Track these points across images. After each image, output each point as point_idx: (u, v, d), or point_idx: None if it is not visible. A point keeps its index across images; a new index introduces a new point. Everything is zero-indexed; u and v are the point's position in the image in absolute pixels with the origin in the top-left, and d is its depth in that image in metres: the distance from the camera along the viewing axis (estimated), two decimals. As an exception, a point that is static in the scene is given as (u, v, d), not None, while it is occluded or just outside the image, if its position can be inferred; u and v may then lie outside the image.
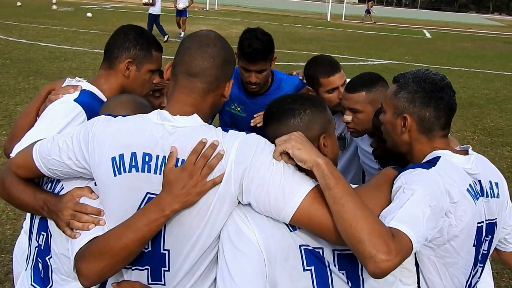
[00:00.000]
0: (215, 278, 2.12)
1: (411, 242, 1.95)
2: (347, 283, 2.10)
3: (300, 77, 4.10)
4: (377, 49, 25.80)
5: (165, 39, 21.64)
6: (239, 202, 2.07)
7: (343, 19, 48.36)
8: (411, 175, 2.19)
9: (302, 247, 2.06)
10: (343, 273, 2.10)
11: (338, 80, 3.59)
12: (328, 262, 2.08)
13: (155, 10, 22.28)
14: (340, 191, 1.94)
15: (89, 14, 30.49)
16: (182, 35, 23.15)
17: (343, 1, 57.54)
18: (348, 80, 3.68)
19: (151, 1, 21.77)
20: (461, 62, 22.88)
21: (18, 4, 33.79)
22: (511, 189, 8.37)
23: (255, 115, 3.91)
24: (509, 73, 20.56)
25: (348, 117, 3.32)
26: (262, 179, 1.99)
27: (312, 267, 2.07)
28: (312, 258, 2.07)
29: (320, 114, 2.27)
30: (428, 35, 38.56)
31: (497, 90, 16.62)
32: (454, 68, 20.79)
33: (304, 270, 2.06)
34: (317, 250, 2.08)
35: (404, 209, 2.03)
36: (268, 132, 2.26)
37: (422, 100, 2.37)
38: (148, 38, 2.94)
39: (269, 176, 1.99)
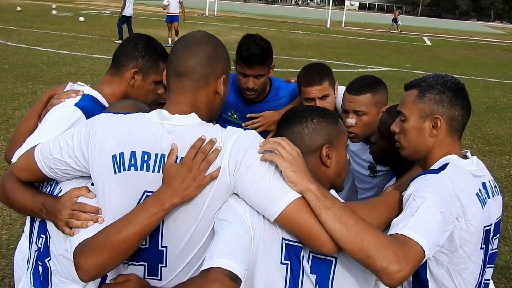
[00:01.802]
0: None
1: (423, 250, 1.99)
2: (315, 286, 2.13)
3: None
4: (376, 56, 25.88)
5: (117, 40, 22.40)
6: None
7: (343, 25, 48.48)
8: (421, 181, 2.22)
9: (284, 241, 2.11)
10: (313, 276, 2.13)
11: (315, 93, 3.55)
12: (303, 261, 2.13)
13: (126, 11, 23.14)
14: (338, 209, 1.99)
15: (81, 18, 30.51)
16: (169, 42, 22.99)
17: (343, 8, 57.73)
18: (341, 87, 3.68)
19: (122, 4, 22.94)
20: (461, 69, 22.88)
21: (18, 9, 33.89)
22: (509, 198, 8.34)
23: (248, 115, 3.93)
24: (509, 81, 20.57)
25: (352, 121, 3.28)
26: (251, 177, 2.05)
27: (289, 262, 2.12)
28: (291, 254, 2.12)
29: (328, 125, 2.32)
30: (428, 42, 38.65)
31: (497, 98, 16.63)
32: (454, 75, 20.76)
33: (281, 263, 2.12)
34: (299, 246, 2.12)
35: (415, 217, 2.05)
36: (276, 135, 2.32)
37: (450, 100, 2.40)
38: (157, 49, 2.95)
39: (259, 176, 2.05)
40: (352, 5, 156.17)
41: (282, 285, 2.12)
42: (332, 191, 2.28)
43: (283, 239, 2.11)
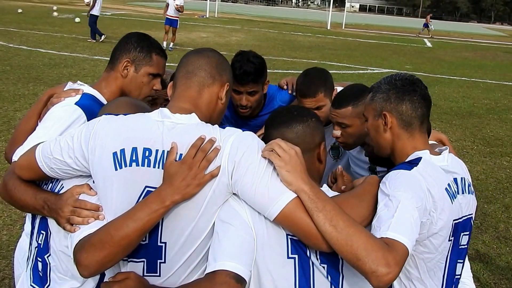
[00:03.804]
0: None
1: (407, 249, 2.06)
2: (327, 277, 2.19)
3: (290, 92, 4.04)
4: (377, 57, 25.90)
5: (101, 38, 23.02)
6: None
7: (343, 27, 48.52)
8: (395, 179, 2.29)
9: (289, 237, 2.16)
10: (323, 267, 2.19)
11: (309, 104, 3.55)
12: (310, 254, 2.17)
13: (95, 11, 23.18)
14: (329, 212, 2.04)
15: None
16: (171, 45, 22.61)
17: (344, 10, 57.75)
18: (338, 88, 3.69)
19: (89, 2, 23.09)
20: (461, 71, 22.91)
21: (19, 10, 33.93)
22: (510, 199, 8.34)
23: None
24: (510, 83, 20.56)
25: (337, 132, 3.33)
26: (249, 178, 2.09)
27: (296, 256, 2.16)
28: (297, 247, 2.16)
29: (322, 125, 2.50)
30: (428, 44, 38.68)
31: (497, 100, 16.64)
32: (455, 77, 20.81)
33: (288, 257, 2.16)
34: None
35: (396, 218, 2.11)
36: (274, 135, 2.37)
37: (396, 96, 2.52)
38: (150, 42, 2.99)
39: (258, 177, 2.09)
40: (352, 6, 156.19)
41: (293, 279, 2.15)
42: (325, 187, 2.35)
43: (287, 235, 2.15)
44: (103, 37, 22.84)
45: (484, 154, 10.36)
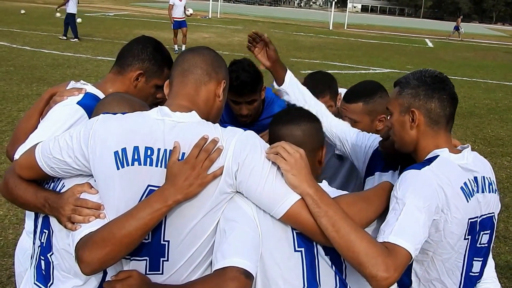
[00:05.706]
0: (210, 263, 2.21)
1: (409, 253, 2.11)
2: (331, 266, 2.23)
3: None
4: (379, 57, 25.88)
5: (71, 39, 23.03)
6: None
7: (345, 27, 48.43)
8: (404, 180, 2.31)
9: (294, 231, 2.19)
10: (328, 257, 2.22)
11: None
12: (316, 245, 2.21)
13: (71, 9, 23.31)
14: (332, 217, 2.07)
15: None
16: (183, 48, 21.49)
17: (346, 10, 57.66)
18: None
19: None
20: (462, 71, 22.90)
21: (22, 11, 33.87)
22: (510, 198, 8.32)
23: None
24: (511, 84, 20.56)
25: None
26: (254, 179, 2.12)
27: (303, 249, 2.20)
28: (304, 240, 2.19)
29: (322, 127, 2.55)
30: (430, 44, 38.63)
31: (498, 100, 16.65)
32: (456, 77, 20.75)
33: (295, 251, 2.19)
34: None
35: (400, 222, 2.16)
36: (281, 131, 2.42)
37: (426, 93, 2.47)
38: (163, 55, 3.00)
39: (262, 179, 2.12)
40: (354, 7, 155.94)
41: (300, 271, 2.19)
42: (324, 183, 2.38)
43: (293, 229, 2.18)
44: (76, 40, 22.87)
45: (485, 154, 10.28)
